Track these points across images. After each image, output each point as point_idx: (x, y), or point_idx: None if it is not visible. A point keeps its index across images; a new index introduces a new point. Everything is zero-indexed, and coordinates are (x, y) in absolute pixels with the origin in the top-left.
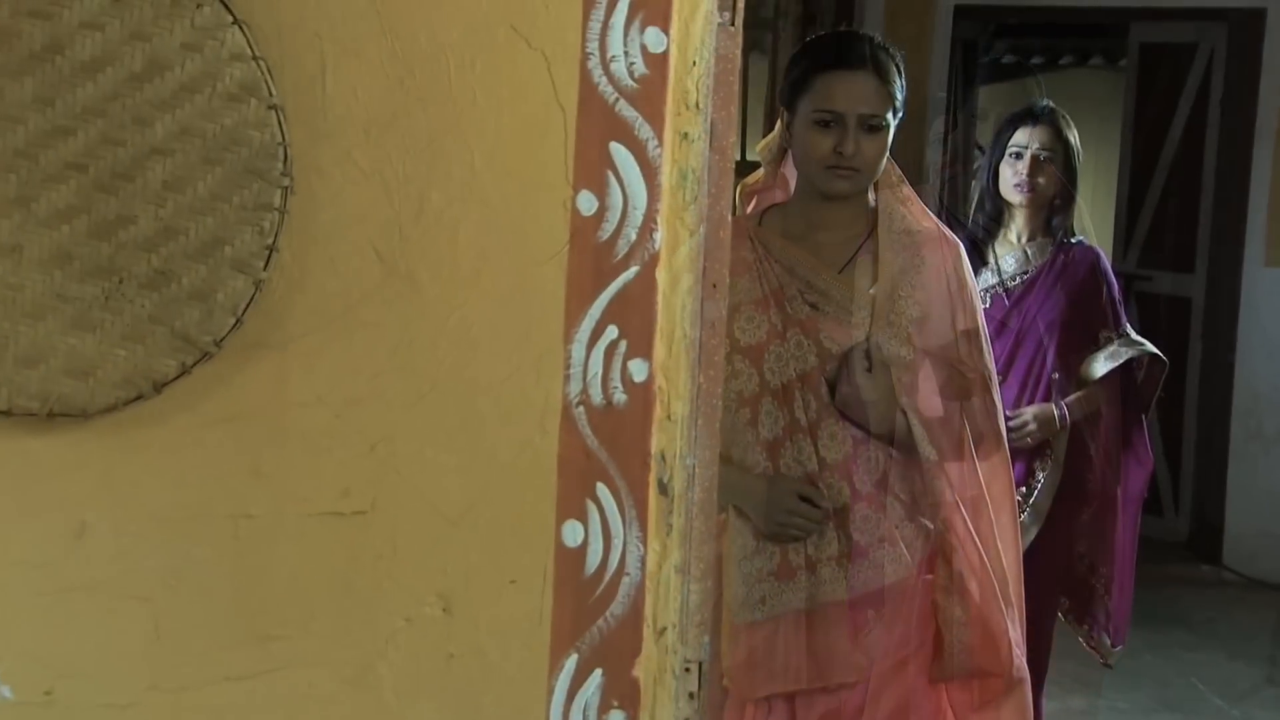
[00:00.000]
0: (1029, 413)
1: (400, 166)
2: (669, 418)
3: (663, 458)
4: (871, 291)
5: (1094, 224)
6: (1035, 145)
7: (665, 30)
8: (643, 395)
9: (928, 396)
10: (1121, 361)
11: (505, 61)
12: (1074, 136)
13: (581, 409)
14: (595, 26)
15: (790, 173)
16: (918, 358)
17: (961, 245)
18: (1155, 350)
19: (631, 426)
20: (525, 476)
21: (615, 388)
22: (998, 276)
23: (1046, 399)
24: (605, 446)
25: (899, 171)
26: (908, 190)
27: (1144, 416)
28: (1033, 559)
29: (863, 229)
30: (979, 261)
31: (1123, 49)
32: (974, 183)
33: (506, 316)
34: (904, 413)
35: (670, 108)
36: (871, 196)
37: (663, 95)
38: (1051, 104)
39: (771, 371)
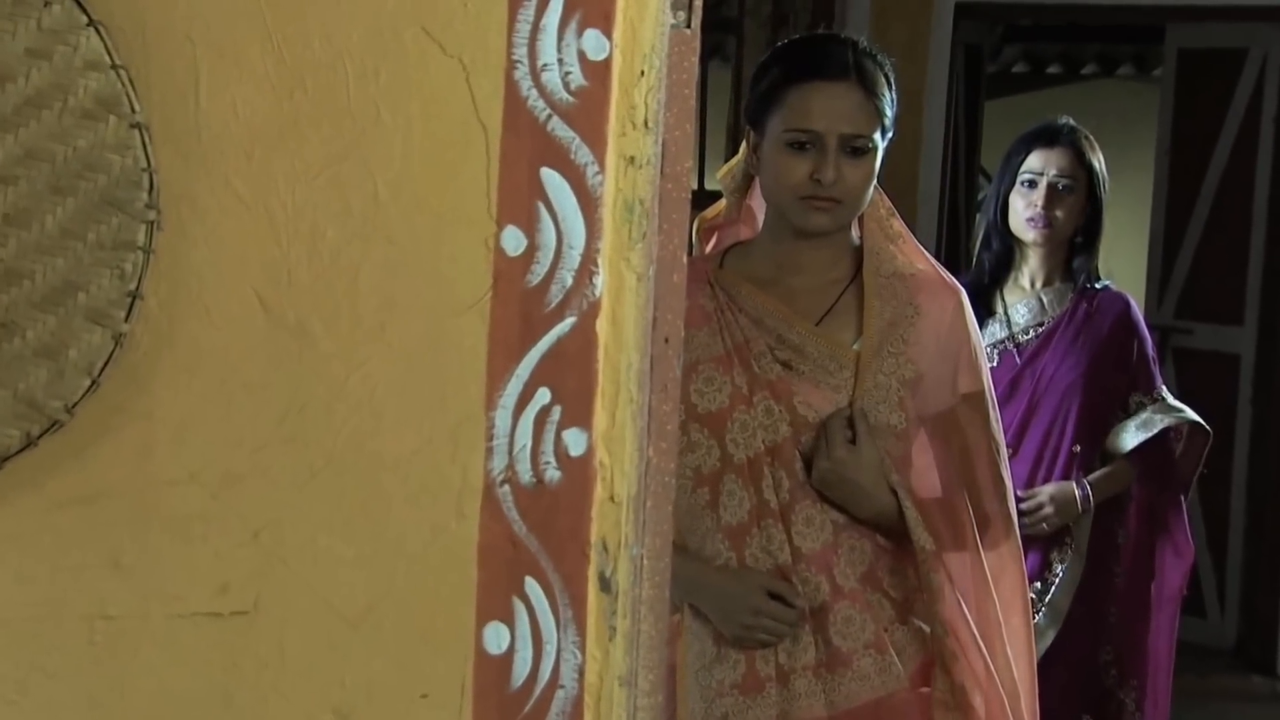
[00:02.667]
0: (1045, 493)
1: (289, 197)
2: (612, 499)
3: (604, 547)
4: (855, 347)
5: (1123, 267)
6: (1052, 171)
7: (608, 34)
8: (580, 472)
9: (923, 473)
10: (1155, 432)
11: (415, 70)
12: (1099, 161)
13: (507, 488)
14: (524, 29)
15: (758, 204)
16: (911, 427)
17: (963, 292)
18: (1196, 418)
19: (567, 510)
20: (439, 570)
21: (547, 463)
22: (1007, 329)
23: (1066, 476)
24: (535, 534)
25: (888, 203)
26: (899, 225)
27: (1183, 497)
28: (1049, 668)
29: (845, 272)
30: (984, 311)
31: (1158, 56)
32: (978, 216)
33: (417, 377)
34: (895, 493)
35: (614, 126)
36: (855, 233)
37: (604, 111)
38: (1072, 122)
39: (736, 443)
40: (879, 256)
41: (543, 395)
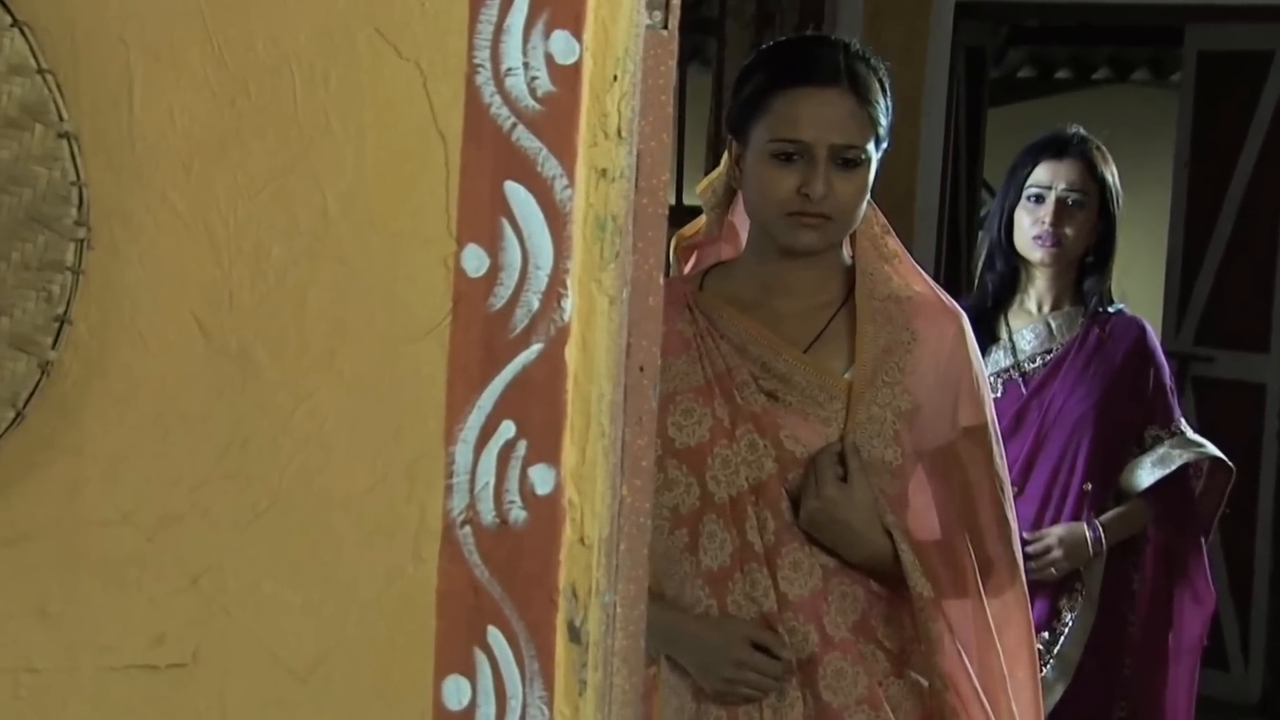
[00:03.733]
0: (1053, 535)
1: (230, 212)
2: (582, 542)
3: (574, 593)
4: (847, 376)
5: (1138, 288)
6: (1061, 185)
7: (577, 35)
8: (548, 512)
9: (921, 513)
10: (1173, 469)
11: (368, 75)
12: (1112, 174)
13: (468, 530)
14: (486, 30)
15: (740, 221)
16: (908, 463)
17: (964, 317)
18: (1218, 453)
19: (533, 553)
20: (394, 618)
21: (512, 502)
22: (1012, 357)
23: (1076, 516)
24: (499, 579)
25: (883, 219)
26: (894, 244)
27: (1204, 540)
28: None
29: (835, 294)
30: (987, 338)
31: (1176, 60)
32: (980, 234)
33: (370, 409)
34: (890, 534)
35: (584, 136)
36: (847, 252)
37: (574, 120)
38: (1083, 131)
39: (717, 481)
40: (872, 278)
41: (507, 428)
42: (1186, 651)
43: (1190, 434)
